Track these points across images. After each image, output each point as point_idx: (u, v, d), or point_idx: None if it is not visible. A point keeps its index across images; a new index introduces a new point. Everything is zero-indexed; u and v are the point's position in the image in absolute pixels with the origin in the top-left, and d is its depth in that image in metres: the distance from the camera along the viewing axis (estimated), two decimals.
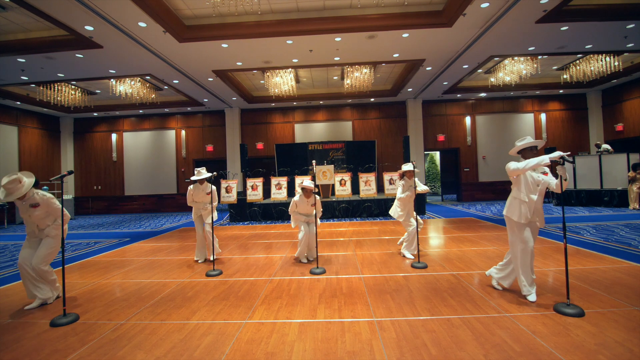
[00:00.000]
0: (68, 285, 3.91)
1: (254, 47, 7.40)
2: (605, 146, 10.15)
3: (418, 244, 4.51)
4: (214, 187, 4.75)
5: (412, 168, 4.58)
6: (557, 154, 2.75)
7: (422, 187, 4.58)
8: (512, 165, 2.92)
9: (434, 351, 2.20)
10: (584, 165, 9.86)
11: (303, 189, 4.51)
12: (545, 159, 2.72)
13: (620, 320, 2.53)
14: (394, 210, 4.72)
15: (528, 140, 3.05)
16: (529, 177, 2.96)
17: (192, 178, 4.77)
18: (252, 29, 6.69)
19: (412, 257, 4.59)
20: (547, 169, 3.00)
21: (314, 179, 4.48)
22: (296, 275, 4.01)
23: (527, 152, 3.06)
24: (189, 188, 4.85)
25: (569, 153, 2.78)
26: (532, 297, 2.93)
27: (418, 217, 4.65)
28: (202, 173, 4.73)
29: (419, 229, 4.63)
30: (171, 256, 5.31)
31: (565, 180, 2.78)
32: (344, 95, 11.92)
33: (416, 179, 4.58)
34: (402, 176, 4.71)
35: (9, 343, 2.54)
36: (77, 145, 13.63)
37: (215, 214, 4.74)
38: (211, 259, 4.73)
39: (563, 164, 2.73)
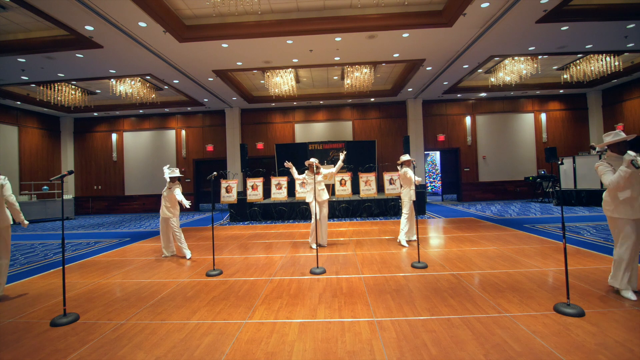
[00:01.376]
0: (68, 285, 3.91)
1: (254, 47, 7.40)
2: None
3: (418, 244, 4.51)
4: (178, 192, 5.02)
5: (409, 158, 5.33)
6: (629, 157, 2.68)
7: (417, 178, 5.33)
8: (608, 179, 2.80)
9: (434, 351, 2.20)
10: (584, 165, 9.85)
11: (309, 165, 5.21)
12: (626, 170, 2.69)
13: (620, 320, 2.53)
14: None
15: (622, 135, 2.88)
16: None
17: (169, 175, 5.09)
18: (252, 29, 6.69)
19: (407, 246, 5.32)
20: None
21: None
22: (296, 275, 4.02)
23: (619, 146, 2.94)
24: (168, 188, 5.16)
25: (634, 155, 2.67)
26: (633, 296, 2.89)
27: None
28: (175, 172, 5.18)
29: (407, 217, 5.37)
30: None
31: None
32: (344, 95, 11.92)
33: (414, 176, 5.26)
34: (401, 165, 5.46)
35: (9, 343, 2.54)
36: (77, 145, 13.64)
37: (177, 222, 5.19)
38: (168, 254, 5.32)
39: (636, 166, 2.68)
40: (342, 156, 5.41)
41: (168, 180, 5.11)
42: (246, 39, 6.96)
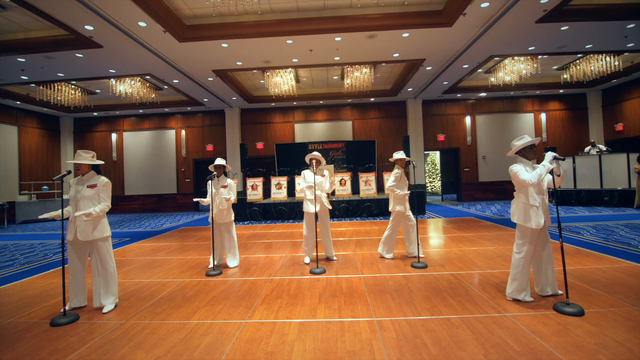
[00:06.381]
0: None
1: (254, 46, 7.39)
2: (600, 147, 10.20)
3: (419, 244, 4.48)
4: (230, 181, 4.54)
5: (402, 156, 4.46)
6: (550, 155, 2.77)
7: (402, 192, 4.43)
8: (524, 176, 2.77)
9: (434, 351, 2.20)
10: (584, 165, 9.86)
11: (310, 159, 4.41)
12: (549, 165, 2.74)
13: (620, 320, 2.53)
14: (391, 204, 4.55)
15: (527, 139, 2.96)
16: None
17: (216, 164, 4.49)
18: (252, 29, 6.69)
19: (386, 258, 4.61)
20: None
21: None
22: (296, 275, 4.01)
23: (527, 151, 2.99)
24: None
25: (555, 155, 2.79)
26: (528, 297, 2.95)
27: (411, 215, 4.55)
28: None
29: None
30: (171, 256, 5.32)
31: (559, 176, 2.88)
32: (344, 95, 11.92)
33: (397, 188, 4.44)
34: (393, 164, 4.63)
35: (9, 343, 2.54)
36: (77, 145, 13.63)
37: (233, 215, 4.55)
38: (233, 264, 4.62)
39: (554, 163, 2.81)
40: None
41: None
42: (246, 39, 6.96)
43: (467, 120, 13.04)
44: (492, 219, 8.06)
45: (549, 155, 2.77)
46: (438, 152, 15.34)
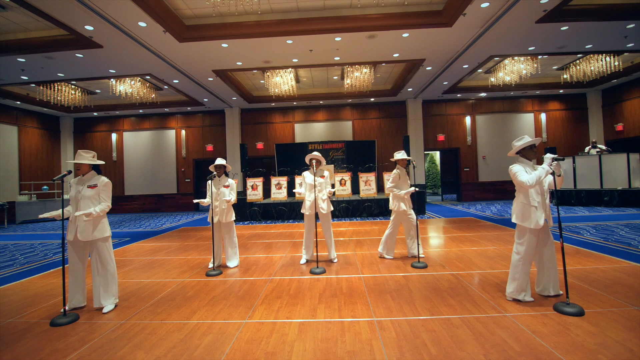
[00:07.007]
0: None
1: (254, 47, 7.40)
2: (600, 147, 10.20)
3: (419, 243, 4.47)
4: (231, 180, 4.58)
5: (404, 156, 4.45)
6: (549, 157, 2.78)
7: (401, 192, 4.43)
8: (522, 177, 2.77)
9: (434, 351, 2.20)
10: (584, 165, 9.85)
11: (310, 159, 4.36)
12: (547, 168, 2.75)
13: (620, 320, 2.53)
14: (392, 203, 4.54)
15: (527, 139, 2.97)
16: None
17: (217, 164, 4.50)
18: (252, 29, 6.69)
19: (386, 257, 4.62)
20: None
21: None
22: (296, 275, 4.02)
23: (528, 151, 2.99)
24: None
25: (554, 157, 2.80)
26: (529, 297, 2.94)
27: (412, 214, 4.52)
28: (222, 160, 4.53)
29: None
30: (171, 256, 5.32)
31: (559, 176, 2.86)
32: (344, 95, 11.92)
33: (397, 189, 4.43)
34: (394, 164, 4.65)
35: (9, 343, 2.54)
36: (77, 145, 13.63)
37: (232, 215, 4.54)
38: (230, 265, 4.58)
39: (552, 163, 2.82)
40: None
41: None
42: (246, 39, 6.96)
43: (467, 120, 13.04)
44: (492, 219, 8.06)
45: (548, 158, 2.78)
46: (438, 152, 15.33)
